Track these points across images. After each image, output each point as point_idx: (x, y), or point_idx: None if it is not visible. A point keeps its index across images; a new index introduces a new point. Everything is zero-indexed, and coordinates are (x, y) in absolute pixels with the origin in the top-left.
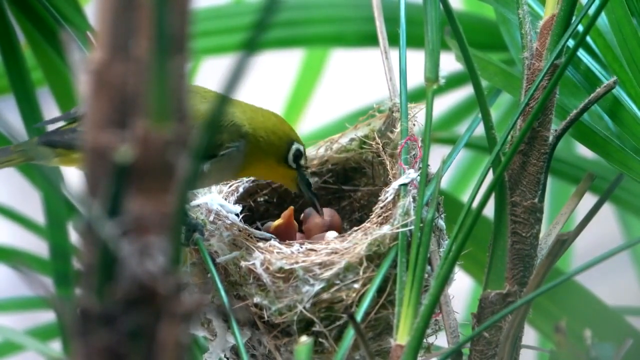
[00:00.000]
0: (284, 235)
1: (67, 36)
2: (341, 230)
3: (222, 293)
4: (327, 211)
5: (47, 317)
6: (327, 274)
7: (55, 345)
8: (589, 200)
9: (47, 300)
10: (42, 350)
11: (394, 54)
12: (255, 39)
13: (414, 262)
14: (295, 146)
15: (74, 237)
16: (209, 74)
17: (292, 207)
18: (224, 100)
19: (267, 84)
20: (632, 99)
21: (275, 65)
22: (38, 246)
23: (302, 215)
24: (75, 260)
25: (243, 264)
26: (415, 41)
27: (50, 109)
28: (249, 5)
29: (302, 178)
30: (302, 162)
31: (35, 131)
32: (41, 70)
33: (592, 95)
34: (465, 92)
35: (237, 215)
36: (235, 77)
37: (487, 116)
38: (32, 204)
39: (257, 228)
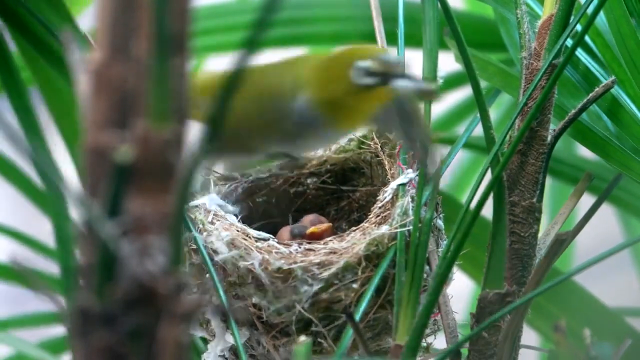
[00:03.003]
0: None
1: (67, 37)
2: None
3: (222, 293)
4: (313, 218)
5: (56, 331)
6: (326, 273)
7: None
8: (588, 200)
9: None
10: None
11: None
12: (256, 37)
13: (413, 262)
14: (359, 65)
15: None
16: None
17: (330, 225)
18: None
19: None
20: (630, 99)
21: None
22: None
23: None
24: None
25: (242, 264)
26: (413, 40)
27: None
28: (250, 3)
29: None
30: (382, 68)
31: (31, 130)
32: (29, 71)
33: (590, 95)
34: (464, 92)
35: (235, 215)
36: (235, 78)
37: (486, 116)
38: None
39: (256, 229)
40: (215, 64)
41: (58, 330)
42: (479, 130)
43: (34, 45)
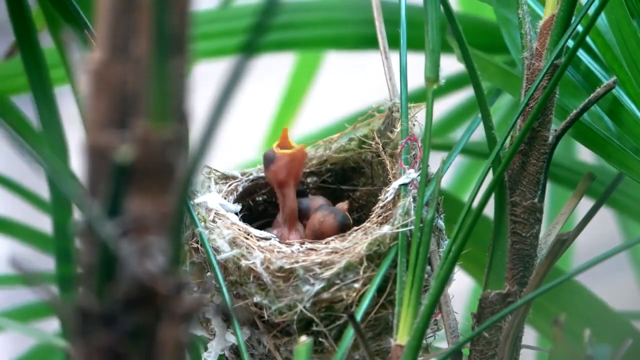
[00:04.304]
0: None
1: (68, 36)
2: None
3: (225, 291)
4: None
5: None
6: (328, 273)
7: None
8: (589, 200)
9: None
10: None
11: (393, 56)
12: (253, 41)
13: (414, 262)
14: None
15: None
16: (202, 77)
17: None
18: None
19: (261, 86)
20: (631, 99)
21: (268, 67)
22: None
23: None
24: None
25: (243, 262)
26: (414, 43)
27: (68, 108)
28: (246, 8)
29: None
30: None
31: (52, 131)
32: (64, 67)
33: (592, 95)
34: (465, 94)
35: (236, 214)
36: (234, 80)
37: (487, 116)
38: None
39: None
40: (211, 70)
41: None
42: (480, 131)
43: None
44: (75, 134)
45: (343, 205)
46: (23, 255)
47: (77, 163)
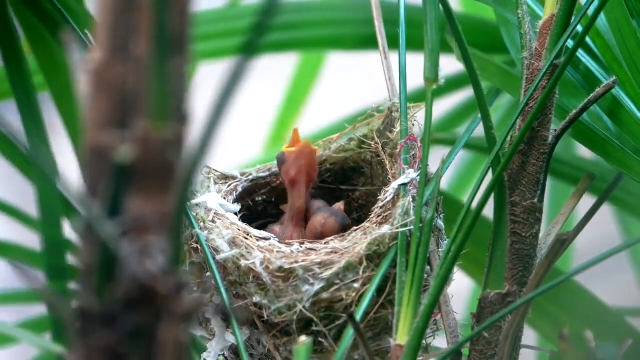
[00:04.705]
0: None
1: (68, 36)
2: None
3: (223, 292)
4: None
5: (40, 309)
6: (327, 273)
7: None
8: (588, 200)
9: (42, 296)
10: (35, 342)
11: (393, 56)
12: (253, 42)
13: (414, 262)
14: None
15: (68, 231)
16: (204, 77)
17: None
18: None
19: (263, 87)
20: (631, 99)
21: (270, 67)
22: (32, 240)
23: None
24: (69, 255)
25: (243, 262)
26: (414, 43)
27: (50, 113)
28: (246, 8)
29: None
30: None
31: (37, 136)
32: (42, 74)
33: (591, 95)
34: (465, 94)
35: (235, 214)
36: (234, 80)
37: (487, 116)
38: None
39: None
40: (212, 70)
41: (38, 310)
42: (480, 131)
43: (48, 29)
44: (57, 140)
45: (340, 206)
46: (10, 272)
47: (63, 168)
